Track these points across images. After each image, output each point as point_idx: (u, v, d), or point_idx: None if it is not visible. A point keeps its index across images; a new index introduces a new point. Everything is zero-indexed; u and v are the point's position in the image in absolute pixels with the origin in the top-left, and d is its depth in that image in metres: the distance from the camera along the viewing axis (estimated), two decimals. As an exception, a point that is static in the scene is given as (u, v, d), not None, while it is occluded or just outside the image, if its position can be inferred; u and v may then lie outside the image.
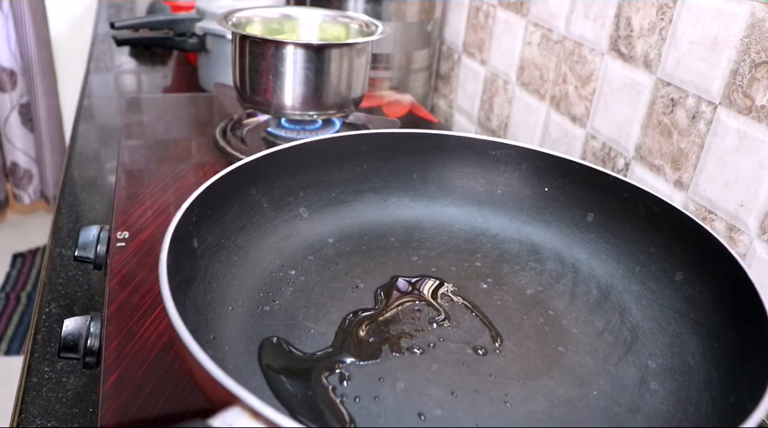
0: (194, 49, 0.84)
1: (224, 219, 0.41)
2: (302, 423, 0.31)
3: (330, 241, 0.47)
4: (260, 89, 0.63)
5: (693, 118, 0.54)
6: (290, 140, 0.59)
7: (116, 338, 0.39)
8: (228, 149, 0.65)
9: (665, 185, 0.58)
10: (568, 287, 0.44)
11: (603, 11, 0.64)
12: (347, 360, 0.36)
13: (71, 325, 0.41)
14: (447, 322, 0.40)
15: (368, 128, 0.70)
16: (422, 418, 0.33)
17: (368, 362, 0.36)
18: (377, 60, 0.87)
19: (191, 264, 0.36)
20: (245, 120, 0.71)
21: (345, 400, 0.34)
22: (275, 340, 0.37)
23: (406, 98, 0.86)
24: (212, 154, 0.65)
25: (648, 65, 0.59)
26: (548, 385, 0.36)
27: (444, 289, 0.43)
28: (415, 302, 0.42)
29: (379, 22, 0.68)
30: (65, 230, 0.61)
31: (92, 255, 0.49)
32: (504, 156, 0.50)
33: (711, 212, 0.53)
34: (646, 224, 0.44)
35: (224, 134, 0.68)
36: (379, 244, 0.47)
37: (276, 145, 0.47)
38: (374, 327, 0.39)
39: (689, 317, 0.39)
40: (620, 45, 0.62)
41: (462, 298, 0.42)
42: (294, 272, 0.43)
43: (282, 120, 0.68)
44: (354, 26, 0.70)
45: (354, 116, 0.71)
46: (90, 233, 0.50)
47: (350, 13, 0.72)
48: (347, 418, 0.32)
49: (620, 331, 0.40)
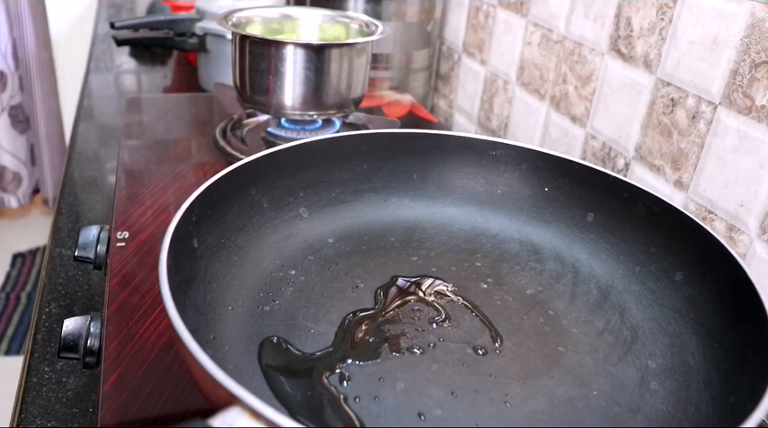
0: (194, 48, 0.84)
1: (224, 219, 0.41)
2: (302, 423, 0.31)
3: (330, 241, 0.47)
4: (260, 89, 0.63)
5: (693, 118, 0.54)
6: (290, 140, 0.59)
7: (116, 338, 0.39)
8: (228, 149, 0.65)
9: (665, 185, 0.58)
10: (568, 287, 0.44)
11: (603, 11, 0.64)
12: (347, 360, 0.36)
13: (71, 325, 0.41)
14: (447, 322, 0.40)
15: (368, 128, 0.70)
16: (422, 418, 0.33)
17: (368, 362, 0.36)
18: (377, 60, 0.87)
19: (191, 264, 0.36)
20: (245, 120, 0.71)
21: (347, 400, 0.34)
22: (275, 340, 0.37)
23: (406, 98, 0.86)
24: (212, 154, 0.65)
25: (648, 65, 0.59)
26: (548, 385, 0.36)
27: (444, 289, 0.43)
28: (415, 302, 0.42)
29: (379, 22, 0.68)
30: (65, 230, 0.61)
31: (92, 255, 0.49)
32: (504, 156, 0.50)
33: (711, 212, 0.53)
34: (646, 224, 0.44)
35: (224, 134, 0.68)
36: (379, 244, 0.47)
37: (276, 145, 0.47)
38: (374, 327, 0.39)
39: (689, 317, 0.39)
40: (620, 45, 0.62)
41: (462, 298, 0.42)
42: (294, 272, 0.43)
43: (282, 120, 0.68)
44: (354, 26, 0.70)
45: (354, 116, 0.71)
46: (90, 233, 0.50)
47: (350, 13, 0.72)
48: (356, 421, 0.32)
49: (620, 331, 0.40)
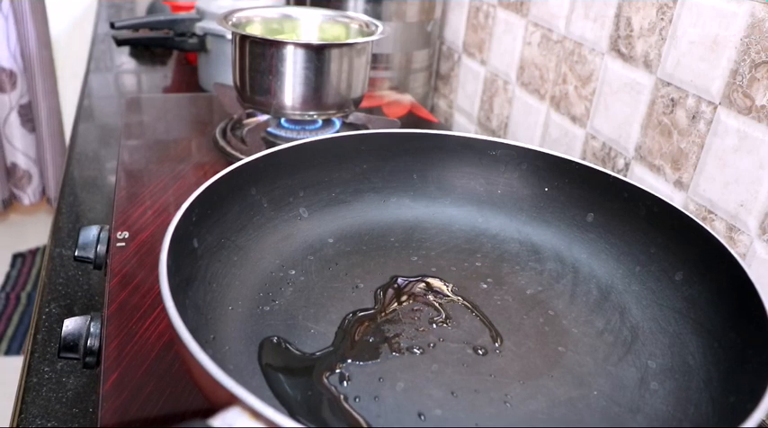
0: (194, 48, 0.84)
1: (224, 219, 0.41)
2: (302, 423, 0.31)
3: (330, 241, 0.47)
4: (260, 89, 0.63)
5: (693, 118, 0.54)
6: (290, 140, 0.59)
7: (116, 338, 0.39)
8: (228, 149, 0.65)
9: (665, 185, 0.58)
10: (568, 287, 0.44)
11: (603, 11, 0.64)
12: (347, 360, 0.36)
13: (71, 325, 0.41)
14: (447, 322, 0.40)
15: (368, 128, 0.70)
16: (422, 418, 0.33)
17: (368, 362, 0.36)
18: (377, 60, 0.87)
19: (191, 264, 0.36)
20: (245, 120, 0.71)
21: (347, 400, 0.34)
22: (275, 340, 0.37)
23: (406, 98, 0.86)
24: (212, 154, 0.65)
25: (648, 65, 0.59)
26: (548, 385, 0.36)
27: (444, 289, 0.43)
28: (415, 302, 0.42)
29: (379, 22, 0.68)
30: (65, 230, 0.61)
31: (92, 255, 0.49)
32: (504, 156, 0.50)
33: (711, 212, 0.53)
34: (646, 224, 0.44)
35: (224, 134, 0.68)
36: (379, 244, 0.47)
37: (276, 145, 0.47)
38: (374, 327, 0.39)
39: (689, 317, 0.39)
40: (620, 45, 0.62)
41: (462, 298, 0.42)
42: (294, 272, 0.43)
43: (282, 120, 0.68)
44: (354, 26, 0.70)
45: (354, 116, 0.71)
46: (90, 233, 0.50)
47: (350, 13, 0.72)
48: (363, 421, 0.32)
49: (620, 331, 0.40)
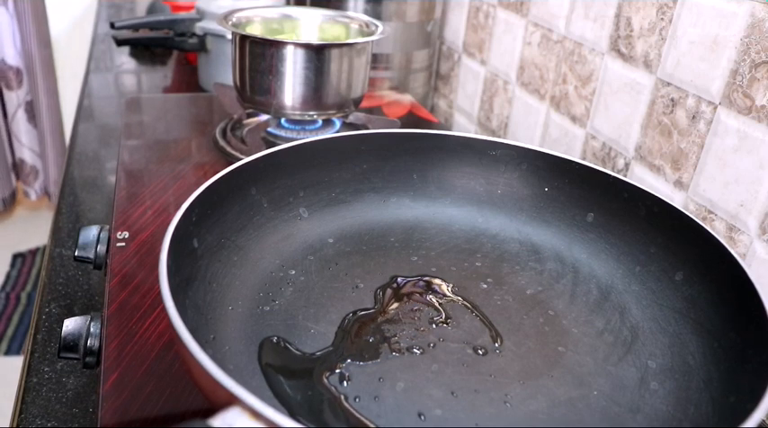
0: (194, 48, 0.84)
1: (224, 219, 0.41)
2: (302, 423, 0.31)
3: (330, 241, 0.47)
4: (260, 89, 0.63)
5: (693, 118, 0.54)
6: (290, 140, 0.59)
7: (116, 338, 0.39)
8: (228, 149, 0.65)
9: (665, 185, 0.58)
10: (568, 287, 0.44)
11: (603, 11, 0.64)
12: (347, 360, 0.36)
13: (71, 325, 0.41)
14: (447, 322, 0.40)
15: (368, 128, 0.70)
16: (422, 418, 0.33)
17: (368, 362, 0.36)
18: (377, 60, 0.87)
19: (191, 264, 0.36)
20: (245, 120, 0.71)
21: (348, 400, 0.34)
22: (275, 340, 0.37)
23: (406, 98, 0.86)
24: (212, 154, 0.65)
25: (648, 65, 0.59)
26: (548, 385, 0.36)
27: (444, 289, 0.43)
28: (415, 302, 0.42)
29: (379, 22, 0.68)
30: (65, 230, 0.61)
31: (92, 255, 0.49)
32: (504, 156, 0.50)
33: (711, 212, 0.53)
34: (646, 224, 0.44)
35: (224, 134, 0.68)
36: (379, 244, 0.47)
37: (276, 145, 0.47)
38: (374, 327, 0.39)
39: (689, 317, 0.39)
40: (620, 45, 0.62)
41: (462, 298, 0.42)
42: (294, 272, 0.43)
43: (282, 120, 0.68)
44: (354, 26, 0.70)
45: (354, 116, 0.71)
46: (90, 233, 0.50)
47: (350, 13, 0.72)
48: (368, 422, 0.32)
49: (620, 331, 0.40)
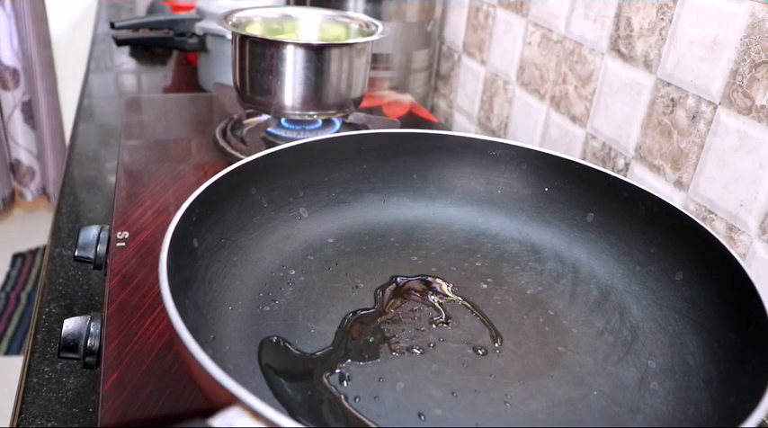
0: (194, 48, 0.84)
1: (224, 219, 0.41)
2: (302, 423, 0.31)
3: (330, 241, 0.47)
4: (260, 89, 0.63)
5: (693, 118, 0.54)
6: (290, 140, 0.59)
7: (116, 338, 0.39)
8: (228, 149, 0.65)
9: (665, 185, 0.58)
10: (568, 287, 0.44)
11: (603, 11, 0.64)
12: (347, 360, 0.36)
13: (71, 325, 0.41)
14: (447, 322, 0.40)
15: (368, 128, 0.70)
16: (422, 418, 0.33)
17: (368, 362, 0.36)
18: (377, 60, 0.87)
19: (191, 264, 0.36)
20: (245, 120, 0.71)
21: (348, 400, 0.34)
22: (275, 340, 0.37)
23: (406, 98, 0.86)
24: (212, 154, 0.65)
25: (648, 65, 0.59)
26: (548, 385, 0.36)
27: (444, 289, 0.43)
28: (415, 302, 0.42)
29: (379, 22, 0.68)
30: (65, 230, 0.61)
31: (92, 255, 0.49)
32: (504, 156, 0.50)
33: (711, 212, 0.53)
34: (646, 224, 0.44)
35: (224, 134, 0.68)
36: (379, 244, 0.47)
37: (276, 145, 0.47)
38: (374, 327, 0.39)
39: (689, 317, 0.39)
40: (620, 45, 0.62)
41: (462, 298, 0.42)
42: (294, 272, 0.43)
43: (282, 120, 0.68)
44: (354, 26, 0.70)
45: (354, 116, 0.71)
46: (90, 233, 0.50)
47: (350, 13, 0.72)
48: (369, 422, 0.32)
49: (620, 331, 0.40)
